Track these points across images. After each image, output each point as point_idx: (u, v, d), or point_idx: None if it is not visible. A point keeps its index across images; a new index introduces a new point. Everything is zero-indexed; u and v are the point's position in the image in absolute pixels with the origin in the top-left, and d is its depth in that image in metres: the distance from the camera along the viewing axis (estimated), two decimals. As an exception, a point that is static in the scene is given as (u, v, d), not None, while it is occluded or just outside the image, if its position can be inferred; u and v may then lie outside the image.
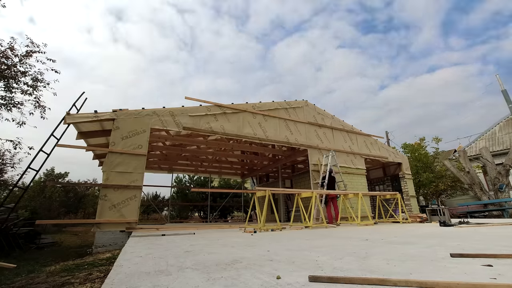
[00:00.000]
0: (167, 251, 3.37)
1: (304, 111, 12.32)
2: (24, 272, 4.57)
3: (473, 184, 15.69)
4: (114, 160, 7.47)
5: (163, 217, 20.39)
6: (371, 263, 2.33)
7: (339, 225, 9.15)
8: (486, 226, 7.18)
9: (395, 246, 3.45)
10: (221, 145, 12.88)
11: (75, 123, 7.69)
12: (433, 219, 9.97)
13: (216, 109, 9.82)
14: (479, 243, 3.60)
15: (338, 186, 11.00)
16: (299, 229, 7.86)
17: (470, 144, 23.02)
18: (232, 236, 5.57)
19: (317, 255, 2.81)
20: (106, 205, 7.02)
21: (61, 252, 7.54)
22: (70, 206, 20.57)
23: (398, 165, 15.10)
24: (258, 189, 8.40)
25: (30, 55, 9.94)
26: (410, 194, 14.16)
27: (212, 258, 2.79)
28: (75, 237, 12.88)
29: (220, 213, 22.60)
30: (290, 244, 3.91)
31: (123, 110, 8.07)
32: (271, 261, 2.56)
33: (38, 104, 10.23)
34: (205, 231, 7.48)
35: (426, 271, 1.95)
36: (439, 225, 7.74)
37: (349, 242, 3.98)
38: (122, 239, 6.84)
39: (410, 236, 4.85)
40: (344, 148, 12.80)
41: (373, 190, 17.18)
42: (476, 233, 5.07)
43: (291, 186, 17.14)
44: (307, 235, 5.63)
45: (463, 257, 2.46)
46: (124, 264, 2.57)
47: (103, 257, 5.23)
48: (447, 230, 6.27)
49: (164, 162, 16.01)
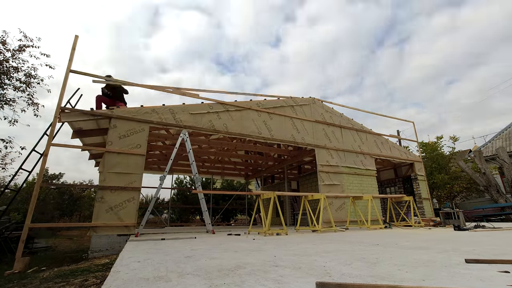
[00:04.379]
0: (166, 256, 3.39)
1: (311, 109, 12.29)
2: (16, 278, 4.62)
3: (489, 186, 15.59)
4: (111, 160, 7.50)
5: (163, 220, 20.43)
6: (381, 269, 2.34)
7: (348, 229, 9.14)
8: (503, 230, 7.14)
9: (407, 251, 3.45)
10: (224, 144, 12.88)
11: (70, 121, 7.72)
12: (448, 222, 9.93)
13: (218, 106, 9.83)
14: (496, 248, 3.59)
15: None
16: (306, 233, 7.86)
17: (486, 144, 22.87)
18: (235, 240, 5.58)
19: (325, 261, 2.82)
20: (102, 207, 7.04)
21: (55, 257, 7.60)
22: (64, 209, 20.71)
23: (410, 166, 15.03)
24: (263, 192, 8.41)
25: (23, 49, 9.99)
26: (423, 197, 14.10)
27: (214, 263, 2.80)
28: (70, 241, 12.97)
29: (222, 216, 22.63)
30: (297, 249, 3.91)
31: (120, 108, 8.10)
32: (276, 266, 2.56)
33: (32, 101, 10.29)
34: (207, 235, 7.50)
35: (439, 278, 1.95)
36: (454, 229, 7.71)
37: (359, 247, 3.98)
38: (119, 243, 6.87)
39: (423, 240, 4.84)
40: (353, 148, 12.77)
41: (383, 192, 17.13)
42: (492, 238, 5.05)
43: (297, 188, 17.12)
44: (314, 239, 5.63)
45: (478, 263, 2.45)
46: (121, 269, 2.59)
47: (100, 262, 5.27)
48: (462, 234, 6.25)
49: (164, 163, 16.03)
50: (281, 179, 18.44)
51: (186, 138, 8.65)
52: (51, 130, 7.09)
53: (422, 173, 14.88)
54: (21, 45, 9.98)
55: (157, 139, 11.83)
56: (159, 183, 8.16)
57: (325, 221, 10.09)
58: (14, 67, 9.89)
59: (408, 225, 10.71)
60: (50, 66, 10.46)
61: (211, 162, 17.04)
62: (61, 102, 7.26)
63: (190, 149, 8.62)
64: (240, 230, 9.95)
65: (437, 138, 20.46)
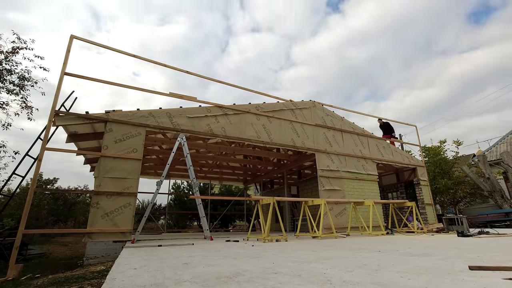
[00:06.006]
0: (163, 263, 3.38)
1: (312, 112, 12.31)
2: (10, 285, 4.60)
3: (494, 191, 15.61)
4: (106, 165, 7.49)
5: (160, 227, 20.39)
6: (383, 276, 2.33)
7: (349, 235, 9.13)
8: (508, 236, 7.14)
9: (409, 257, 3.45)
10: (222, 149, 12.87)
11: (65, 125, 7.72)
12: (451, 228, 9.93)
13: (216, 110, 9.84)
14: (500, 255, 3.59)
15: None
16: (306, 239, 7.84)
17: (490, 148, 22.91)
18: (234, 247, 5.57)
19: (326, 268, 2.81)
20: (98, 213, 7.02)
21: (49, 264, 7.58)
22: (59, 215, 20.64)
23: (413, 170, 15.04)
24: (262, 197, 8.40)
25: (16, 51, 10.01)
26: (425, 202, 14.09)
27: (212, 270, 2.79)
28: (64, 247, 12.93)
29: (221, 222, 22.59)
30: (296, 256, 3.91)
31: (116, 111, 8.10)
32: (275, 274, 2.56)
33: (25, 104, 10.30)
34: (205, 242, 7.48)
35: (442, 285, 1.95)
36: (457, 236, 7.71)
37: (360, 254, 3.98)
38: (115, 250, 6.85)
39: (426, 247, 4.84)
40: (354, 152, 12.78)
41: (385, 198, 17.12)
42: (497, 244, 5.05)
43: (297, 193, 17.09)
44: (314, 245, 5.63)
45: (482, 269, 2.45)
46: (117, 277, 2.58)
47: (95, 269, 5.25)
48: (466, 240, 6.24)
49: (160, 167, 16.01)
50: (281, 184, 18.43)
51: (183, 142, 8.65)
52: (45, 134, 7.09)
53: (424, 178, 14.88)
54: (15, 47, 10.00)
55: (153, 143, 11.82)
56: (156, 188, 8.15)
57: (325, 227, 10.07)
58: (7, 69, 9.91)
59: (410, 231, 10.71)
60: (44, 68, 10.49)
61: (209, 167, 17.03)
62: (55, 105, 7.26)
63: (187, 154, 8.62)
64: (238, 236, 9.93)
65: (440, 142, 20.50)
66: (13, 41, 9.99)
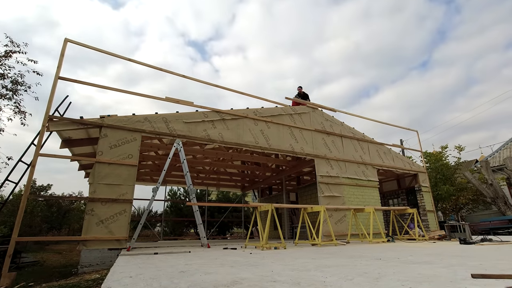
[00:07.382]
0: (159, 271, 3.37)
1: (311, 117, 12.34)
2: (3, 294, 4.56)
3: (497, 198, 15.63)
4: (101, 171, 7.47)
5: (156, 234, 20.31)
6: (384, 284, 2.33)
7: (349, 243, 9.12)
8: (511, 244, 7.15)
9: (411, 265, 3.44)
10: (219, 154, 12.87)
11: (59, 130, 7.72)
12: (453, 236, 9.92)
13: (213, 115, 9.85)
14: (503, 262, 3.59)
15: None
16: (305, 247, 7.83)
17: (493, 153, 23.00)
18: (231, 255, 5.55)
19: (325, 276, 2.81)
20: (93, 220, 7.00)
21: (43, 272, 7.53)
22: (53, 222, 20.54)
23: (414, 176, 15.07)
24: (261, 204, 8.39)
25: (9, 55, 10.01)
26: (427, 209, 14.10)
27: (210, 279, 2.78)
28: (58, 255, 12.86)
29: (218, 229, 22.50)
30: (295, 263, 3.90)
31: (111, 116, 8.10)
32: (274, 282, 2.55)
33: (19, 109, 10.29)
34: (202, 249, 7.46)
35: (444, 293, 1.95)
36: (459, 243, 7.70)
37: (360, 262, 3.97)
38: (110, 258, 6.82)
39: (427, 254, 4.83)
40: (354, 158, 12.79)
41: (386, 204, 17.13)
42: (500, 252, 5.05)
43: (296, 200, 17.08)
44: (314, 253, 5.61)
45: (485, 278, 2.45)
46: (112, 285, 2.57)
47: (90, 277, 5.23)
48: (468, 248, 6.24)
49: (156, 173, 15.97)
50: (279, 191, 18.41)
51: (180, 148, 8.65)
52: (39, 139, 7.07)
53: (426, 184, 14.90)
54: (7, 50, 10.00)
55: (149, 149, 11.80)
56: (152, 195, 8.13)
57: (325, 235, 10.06)
58: (0, 73, 9.90)
59: (411, 239, 10.69)
60: (37, 73, 10.49)
61: (206, 173, 17.00)
62: (49, 110, 7.26)
63: (184, 159, 8.62)
64: (236, 244, 9.90)
65: (441, 148, 20.55)
66: (6, 44, 10.00)
